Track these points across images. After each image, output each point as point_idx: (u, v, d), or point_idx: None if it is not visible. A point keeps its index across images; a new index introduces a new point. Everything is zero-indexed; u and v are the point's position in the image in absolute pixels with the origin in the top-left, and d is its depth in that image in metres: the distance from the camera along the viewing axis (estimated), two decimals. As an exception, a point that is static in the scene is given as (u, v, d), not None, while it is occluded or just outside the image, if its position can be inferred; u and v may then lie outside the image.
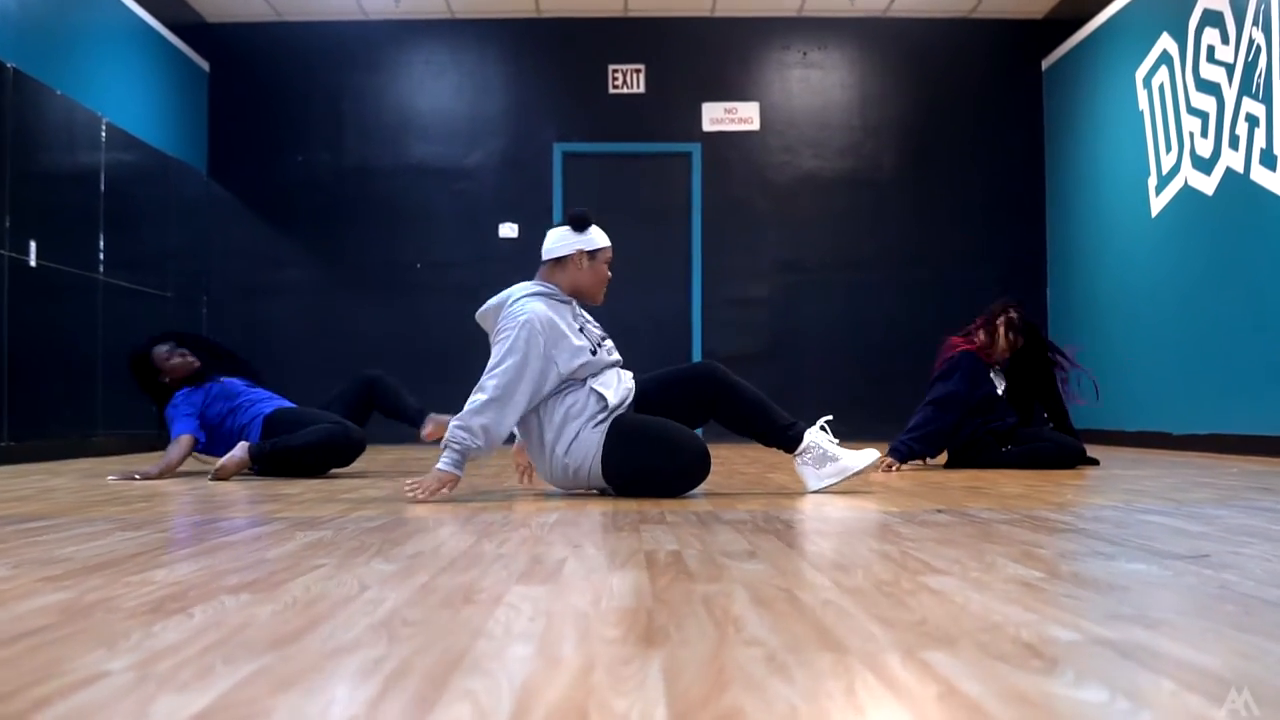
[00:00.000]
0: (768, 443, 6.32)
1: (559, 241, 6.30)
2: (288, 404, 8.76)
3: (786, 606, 2.63)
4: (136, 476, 7.71)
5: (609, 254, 6.41)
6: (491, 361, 5.96)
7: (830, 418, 6.32)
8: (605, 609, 2.63)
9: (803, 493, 6.20)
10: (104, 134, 12.15)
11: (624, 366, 6.42)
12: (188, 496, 6.28)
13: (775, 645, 2.19)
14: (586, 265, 6.29)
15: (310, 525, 4.57)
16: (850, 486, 6.41)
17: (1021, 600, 2.69)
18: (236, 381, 8.84)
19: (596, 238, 6.34)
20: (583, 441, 6.01)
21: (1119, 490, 6.37)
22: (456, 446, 5.79)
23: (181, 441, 8.22)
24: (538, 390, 5.95)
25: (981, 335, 9.12)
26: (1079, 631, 2.31)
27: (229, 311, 15.04)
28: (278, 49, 15.52)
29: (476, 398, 5.87)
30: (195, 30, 15.06)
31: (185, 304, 14.29)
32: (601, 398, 6.05)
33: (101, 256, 11.96)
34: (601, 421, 6.02)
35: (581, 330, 6.18)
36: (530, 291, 6.19)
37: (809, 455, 6.21)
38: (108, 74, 12.78)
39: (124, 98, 13.09)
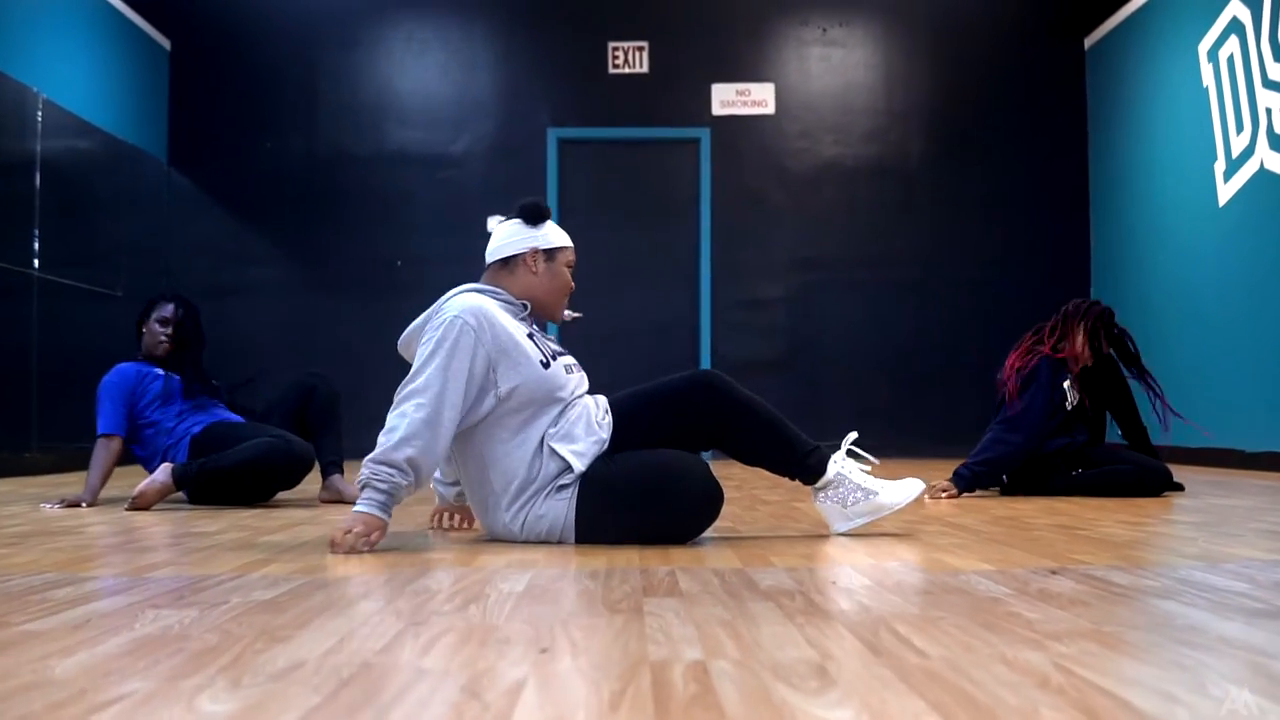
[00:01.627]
0: (782, 472, 4.97)
1: (508, 238, 5.15)
2: (223, 418, 7.61)
3: None
4: (83, 504, 7.08)
5: (571, 256, 5.24)
6: (410, 374, 4.72)
7: (856, 435, 5.07)
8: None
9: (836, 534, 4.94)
10: (40, 114, 11.16)
11: (592, 390, 5.09)
12: (67, 539, 5.09)
13: None
14: (542, 267, 5.13)
15: (178, 597, 3.36)
16: (895, 525, 5.15)
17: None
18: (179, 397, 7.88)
19: (553, 235, 5.20)
20: (545, 515, 4.73)
21: (1257, 534, 5.06)
22: (381, 486, 4.46)
23: (107, 448, 7.63)
24: (467, 406, 4.65)
25: (1057, 339, 7.95)
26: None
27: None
28: (246, 25, 14.68)
29: (394, 423, 4.55)
30: (155, 4, 14.08)
31: (140, 304, 13.22)
32: (564, 462, 4.73)
33: (36, 250, 10.96)
34: (567, 486, 4.73)
35: (531, 337, 4.89)
36: (467, 288, 4.96)
37: (833, 490, 4.95)
38: (48, 48, 11.73)
39: (69, 76, 12.07)
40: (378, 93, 14.70)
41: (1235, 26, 10.95)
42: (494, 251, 5.12)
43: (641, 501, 4.63)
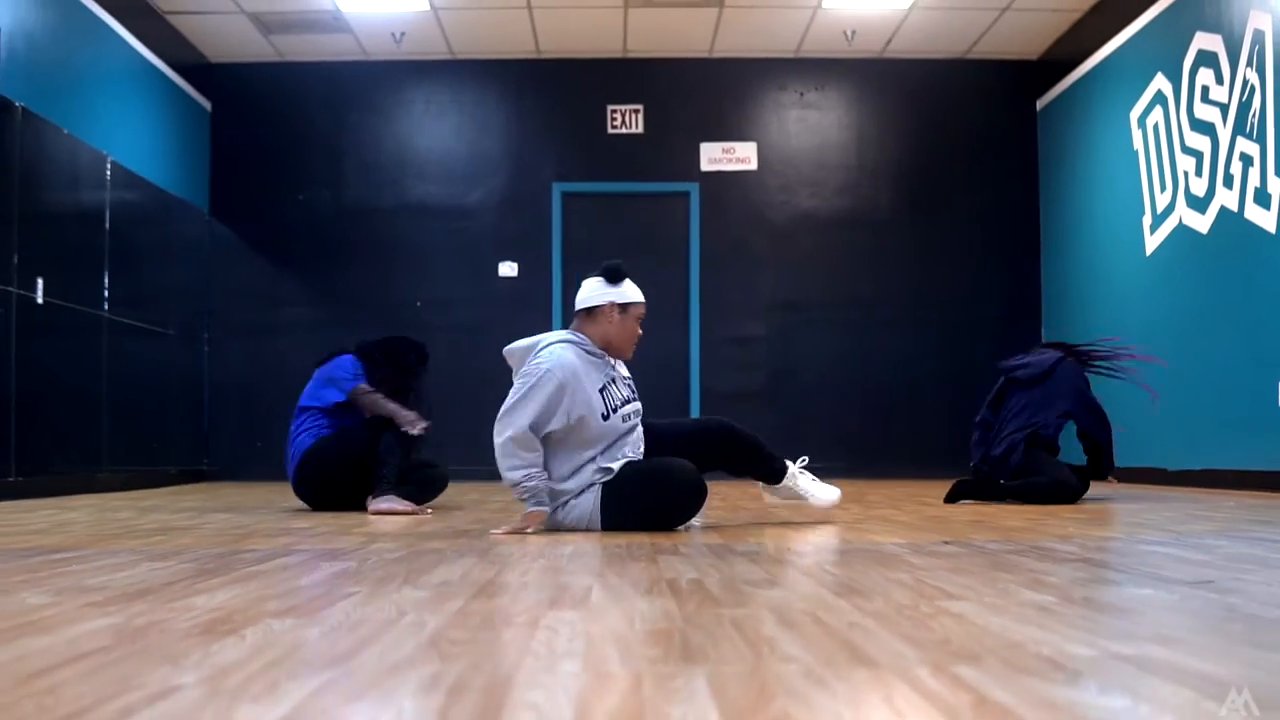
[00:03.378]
0: (756, 477, 6.65)
1: (592, 292, 6.36)
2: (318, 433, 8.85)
3: (814, 628, 2.74)
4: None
5: (641, 310, 6.45)
6: (509, 402, 6.04)
7: (807, 459, 6.65)
8: (640, 631, 2.73)
9: (808, 523, 6.31)
10: (109, 172, 12.23)
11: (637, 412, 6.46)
12: (202, 529, 6.34)
13: (810, 661, 2.29)
14: (617, 319, 6.33)
15: (333, 556, 4.67)
16: (857, 518, 6.55)
17: (1038, 622, 2.79)
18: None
19: (630, 291, 6.39)
20: (577, 507, 6.13)
21: (1120, 523, 6.50)
22: (524, 495, 5.96)
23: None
24: (543, 426, 6.00)
25: None
26: (1096, 648, 2.41)
27: (230, 349, 15.12)
28: (279, 89, 15.60)
29: (501, 453, 6.00)
30: (198, 70, 15.13)
31: (187, 341, 14.39)
32: (602, 471, 6.13)
33: (106, 294, 12.00)
34: (594, 485, 6.12)
35: (603, 390, 6.18)
36: (561, 339, 6.25)
37: (781, 488, 6.58)
38: (113, 113, 12.85)
39: (128, 137, 13.15)
40: (398, 151, 15.52)
41: (1160, 98, 12.07)
42: (581, 302, 6.37)
43: (646, 492, 6.06)
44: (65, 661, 2.34)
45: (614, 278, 6.38)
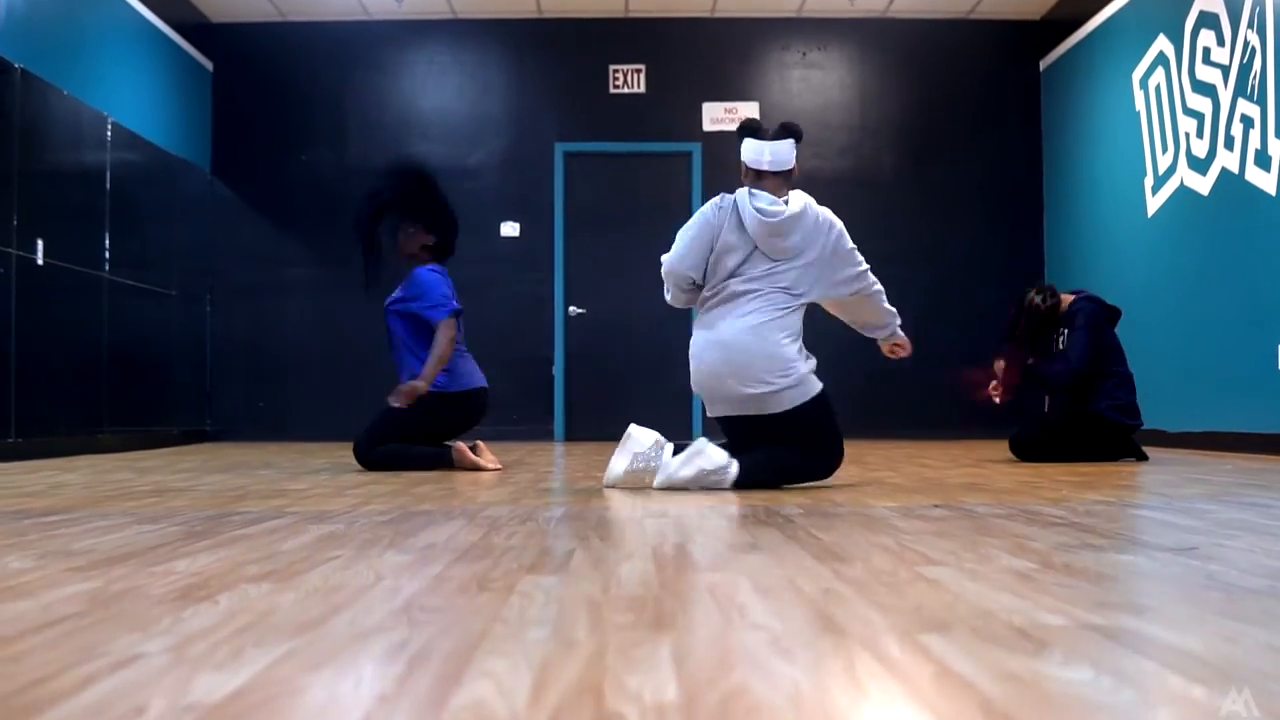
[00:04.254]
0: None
1: (791, 153, 6.80)
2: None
3: (788, 594, 2.73)
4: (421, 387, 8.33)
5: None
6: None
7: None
8: (614, 596, 2.73)
9: (803, 487, 6.32)
10: (109, 133, 12.27)
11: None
12: (197, 491, 6.34)
13: (778, 630, 2.29)
14: None
15: (321, 519, 4.65)
16: (853, 480, 6.54)
17: (1014, 589, 2.79)
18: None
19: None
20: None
21: (1112, 486, 6.48)
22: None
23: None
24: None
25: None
26: (1068, 617, 2.40)
27: (233, 310, 15.14)
28: (281, 49, 15.62)
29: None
30: (199, 30, 15.16)
31: (189, 302, 14.41)
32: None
33: (107, 255, 12.07)
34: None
35: None
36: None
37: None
38: (113, 74, 12.89)
39: (129, 97, 13.19)
40: (401, 110, 15.57)
41: (1161, 59, 12.08)
42: (785, 164, 6.81)
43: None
44: (36, 628, 2.34)
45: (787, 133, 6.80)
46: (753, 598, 2.69)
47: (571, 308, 15.33)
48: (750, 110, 15.37)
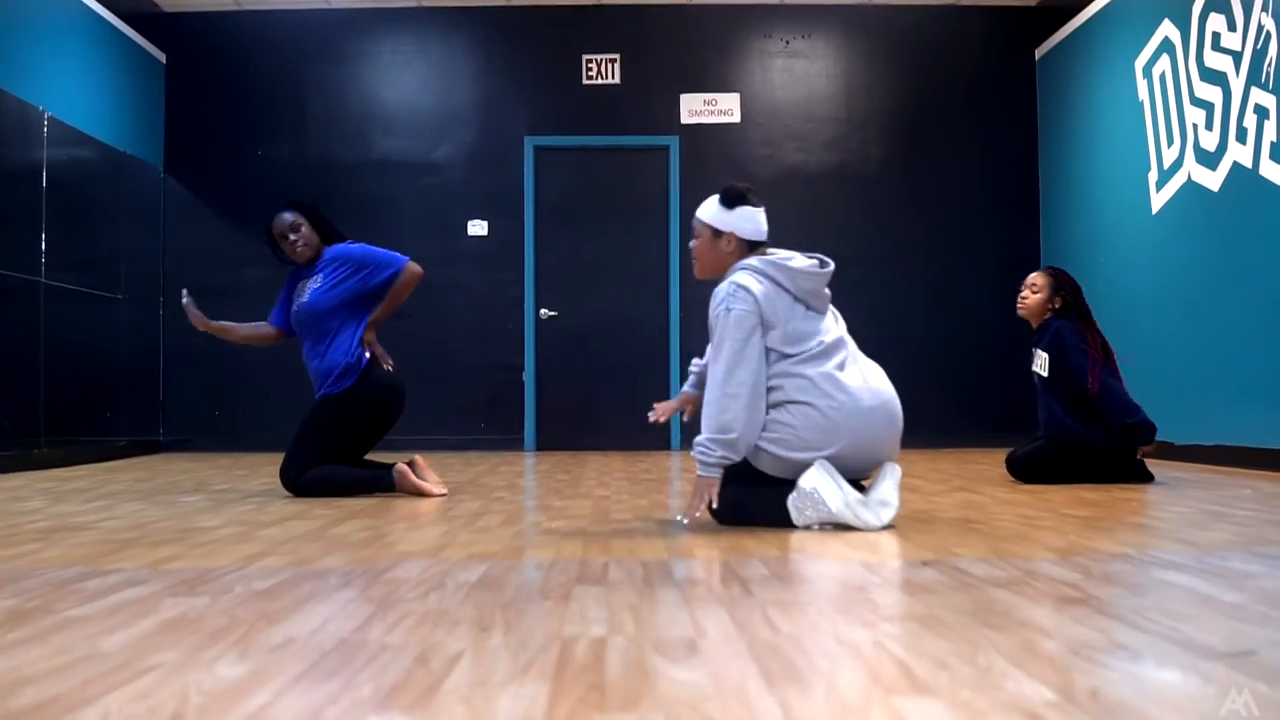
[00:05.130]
0: None
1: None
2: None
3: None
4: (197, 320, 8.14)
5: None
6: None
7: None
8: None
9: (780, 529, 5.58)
10: (46, 129, 11.63)
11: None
12: (92, 531, 5.67)
13: None
14: None
15: (190, 587, 3.98)
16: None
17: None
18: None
19: None
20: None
21: (1126, 528, 5.71)
22: None
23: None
24: None
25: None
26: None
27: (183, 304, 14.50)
28: (237, 39, 15.01)
29: None
30: (150, 20, 14.50)
31: (140, 306, 13.78)
32: None
33: (43, 258, 11.43)
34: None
35: None
36: None
37: None
38: (52, 66, 12.17)
39: (71, 91, 12.51)
40: (363, 103, 14.95)
41: (1167, 46, 11.39)
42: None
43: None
44: None
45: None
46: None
47: (542, 310, 14.69)
48: (731, 102, 14.77)
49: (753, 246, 5.93)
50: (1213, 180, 10.53)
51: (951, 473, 9.75)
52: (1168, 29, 11.41)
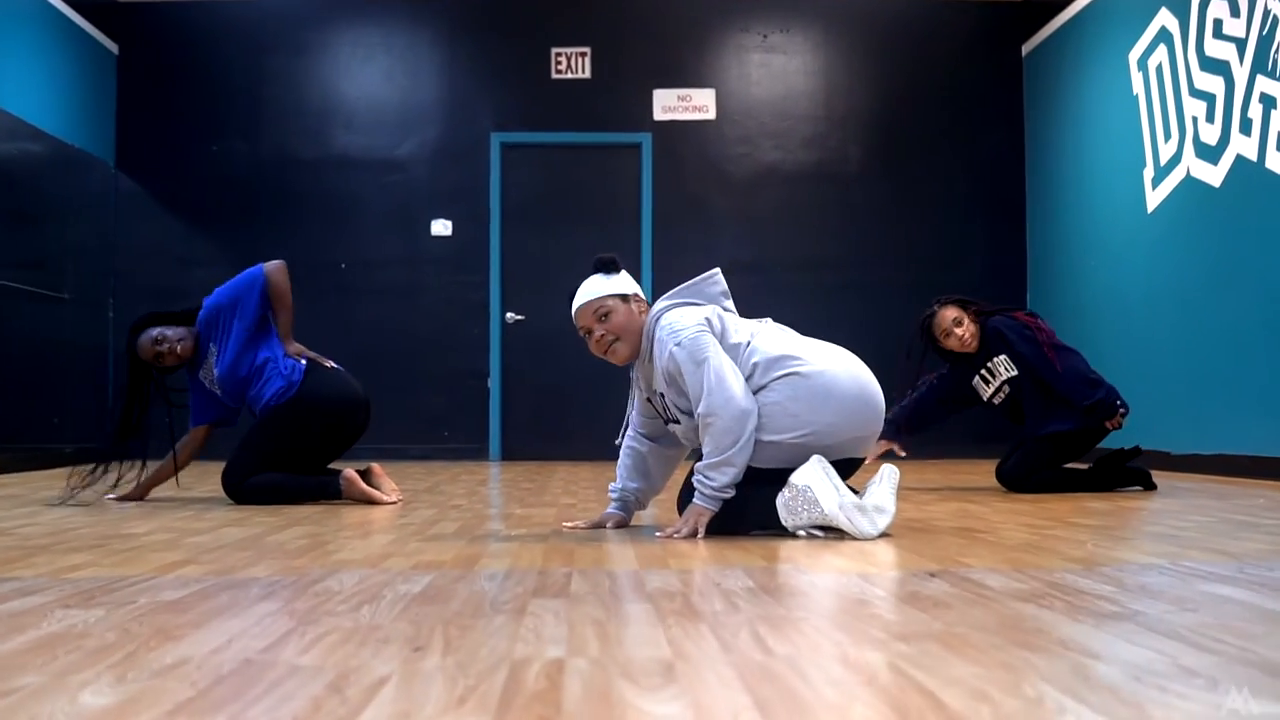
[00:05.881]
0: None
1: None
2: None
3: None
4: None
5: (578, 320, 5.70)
6: None
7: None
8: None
9: (766, 539, 5.08)
10: (-10, 119, 11.09)
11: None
12: (7, 538, 5.19)
13: None
14: None
15: (89, 598, 3.49)
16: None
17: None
18: None
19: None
20: None
21: (1148, 537, 5.21)
22: None
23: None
24: None
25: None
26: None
27: (137, 315, 14.01)
28: (193, 30, 14.56)
29: None
30: (102, 9, 14.02)
31: (87, 307, 13.28)
32: None
33: (-15, 254, 10.90)
34: None
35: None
36: None
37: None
38: (-2, 54, 11.66)
39: (18, 81, 12.03)
40: (323, 97, 14.58)
41: (1164, 36, 11.01)
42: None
43: None
44: None
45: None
46: None
47: (509, 314, 14.30)
48: (706, 98, 14.49)
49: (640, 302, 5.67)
50: (1214, 175, 10.13)
51: (940, 482, 9.37)
52: (1165, 18, 11.03)
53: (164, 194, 14.43)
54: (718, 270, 5.73)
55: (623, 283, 5.59)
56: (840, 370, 5.35)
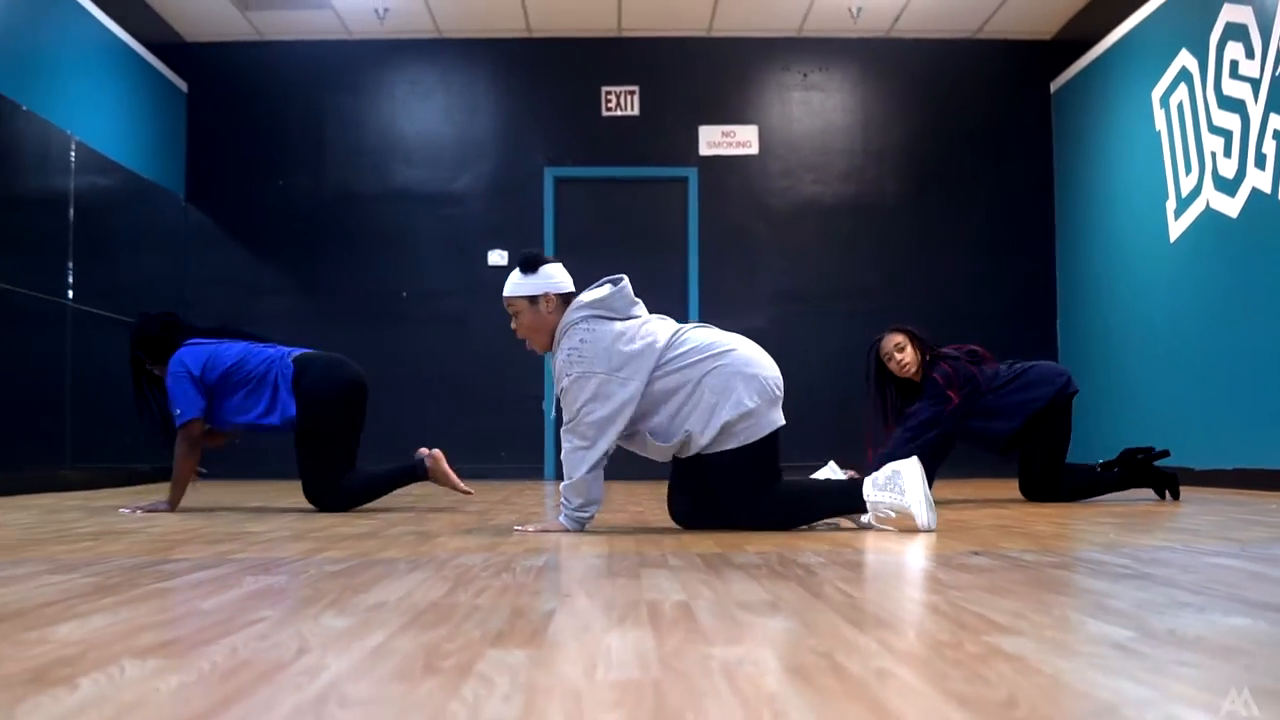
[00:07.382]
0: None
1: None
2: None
3: (832, 679, 2.06)
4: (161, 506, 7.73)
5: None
6: None
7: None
8: (602, 681, 2.06)
9: (813, 529, 5.67)
10: (74, 154, 11.66)
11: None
12: (145, 533, 5.72)
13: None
14: None
15: (265, 568, 4.06)
16: (866, 525, 5.87)
17: (1125, 669, 2.13)
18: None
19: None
20: None
21: (1165, 529, 5.81)
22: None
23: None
24: None
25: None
26: (1217, 714, 1.75)
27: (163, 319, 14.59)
28: (258, 69, 15.07)
29: None
30: (173, 49, 14.56)
31: (162, 334, 13.80)
32: None
33: (71, 282, 11.45)
34: None
35: None
36: None
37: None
38: (80, 92, 12.23)
39: (97, 117, 12.56)
40: (382, 134, 14.97)
41: (1184, 75, 11.46)
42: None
43: None
44: None
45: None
46: (785, 684, 2.03)
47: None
48: (749, 134, 14.84)
49: (566, 299, 5.98)
50: (1231, 207, 10.59)
51: (971, 495, 9.83)
52: (1185, 58, 11.48)
53: (232, 225, 14.90)
54: (624, 278, 6.06)
55: (536, 283, 5.94)
56: (746, 350, 5.93)
